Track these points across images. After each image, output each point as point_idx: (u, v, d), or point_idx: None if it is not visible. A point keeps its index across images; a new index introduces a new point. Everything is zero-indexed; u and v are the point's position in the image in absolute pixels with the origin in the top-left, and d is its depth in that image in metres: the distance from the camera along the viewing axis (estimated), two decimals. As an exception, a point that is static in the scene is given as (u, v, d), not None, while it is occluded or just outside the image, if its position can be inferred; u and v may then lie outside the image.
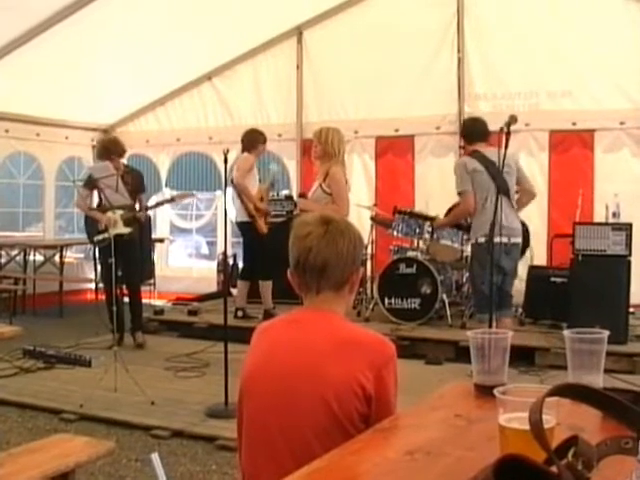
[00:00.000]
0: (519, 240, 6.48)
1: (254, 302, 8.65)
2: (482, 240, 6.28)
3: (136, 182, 8.09)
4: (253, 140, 8.53)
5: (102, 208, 7.66)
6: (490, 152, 6.42)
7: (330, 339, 2.17)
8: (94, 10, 8.34)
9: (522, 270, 8.79)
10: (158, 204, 9.03)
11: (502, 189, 6.11)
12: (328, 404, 2.06)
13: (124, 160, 8.32)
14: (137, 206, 8.00)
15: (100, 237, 7.66)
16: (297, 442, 2.07)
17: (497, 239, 5.90)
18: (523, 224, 7.18)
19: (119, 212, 7.67)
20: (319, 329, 2.22)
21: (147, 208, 8.56)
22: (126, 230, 7.84)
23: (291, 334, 2.25)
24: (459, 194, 6.65)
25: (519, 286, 8.67)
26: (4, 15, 7.88)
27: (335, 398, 2.06)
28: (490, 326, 5.60)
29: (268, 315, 7.91)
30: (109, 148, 7.98)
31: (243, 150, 8.57)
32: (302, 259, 2.25)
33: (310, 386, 2.09)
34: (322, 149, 6.48)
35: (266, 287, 8.46)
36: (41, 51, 8.79)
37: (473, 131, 6.83)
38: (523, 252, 7.38)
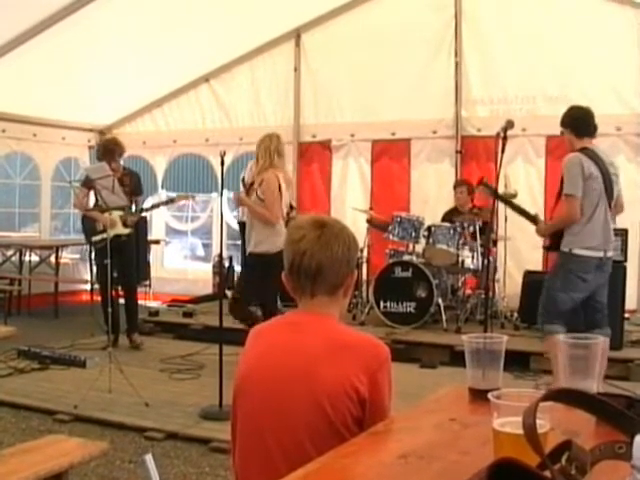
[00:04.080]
0: (612, 253, 5.93)
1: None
2: (581, 252, 5.67)
3: (133, 184, 8.08)
4: None
5: (99, 209, 7.62)
6: (601, 152, 5.82)
7: (324, 342, 2.17)
8: (92, 11, 8.34)
9: (518, 275, 8.83)
10: (156, 205, 9.02)
11: (610, 197, 5.72)
12: (322, 407, 2.06)
13: (121, 162, 8.31)
14: (133, 208, 7.99)
15: (98, 237, 7.59)
16: (290, 445, 2.06)
17: (594, 253, 5.66)
18: (623, 230, 7.10)
19: (117, 213, 7.66)
20: (313, 332, 2.22)
21: (145, 209, 8.55)
22: (125, 231, 7.84)
23: (285, 337, 2.25)
24: (566, 196, 5.69)
25: (515, 291, 8.71)
26: (1, 16, 7.87)
27: (329, 401, 2.06)
28: (485, 330, 5.60)
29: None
30: (112, 149, 7.95)
31: None
32: (296, 263, 2.24)
33: (304, 389, 2.09)
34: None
35: None
36: (38, 52, 8.78)
37: (586, 122, 5.81)
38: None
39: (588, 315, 5.81)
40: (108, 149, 7.96)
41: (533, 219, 6.29)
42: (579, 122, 5.83)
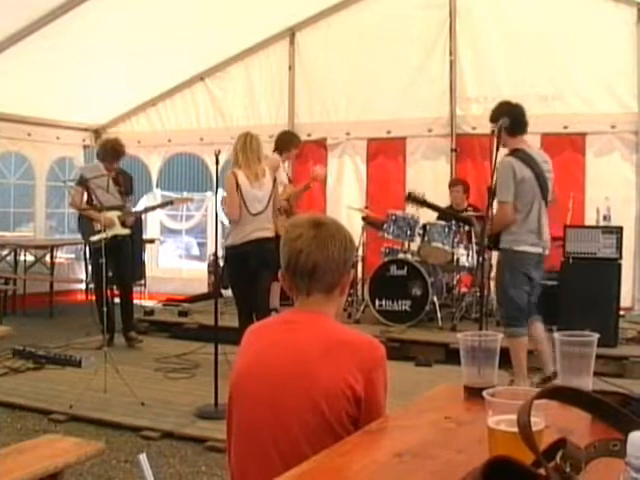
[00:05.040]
0: (548, 252, 6.00)
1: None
2: (521, 248, 5.75)
3: (127, 184, 8.06)
4: (286, 142, 8.39)
5: (95, 208, 7.58)
6: (534, 152, 5.89)
7: (320, 340, 2.17)
8: (86, 10, 8.32)
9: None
10: (154, 207, 8.99)
11: (545, 196, 5.79)
12: (317, 405, 2.06)
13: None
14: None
15: (96, 238, 7.47)
16: (286, 443, 2.06)
17: (533, 249, 5.77)
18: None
19: (115, 213, 7.64)
20: (310, 330, 2.22)
21: (143, 211, 8.51)
22: (124, 232, 7.81)
23: (281, 335, 2.25)
24: (499, 202, 5.76)
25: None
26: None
27: (324, 399, 2.06)
28: (480, 328, 5.61)
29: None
30: (119, 151, 7.93)
31: (274, 150, 8.36)
32: (292, 261, 2.24)
33: (300, 387, 2.09)
34: None
35: (275, 287, 8.33)
36: (33, 51, 8.76)
37: (519, 120, 5.76)
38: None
39: None
40: (115, 150, 7.91)
41: (468, 222, 6.38)
42: (514, 122, 5.73)
